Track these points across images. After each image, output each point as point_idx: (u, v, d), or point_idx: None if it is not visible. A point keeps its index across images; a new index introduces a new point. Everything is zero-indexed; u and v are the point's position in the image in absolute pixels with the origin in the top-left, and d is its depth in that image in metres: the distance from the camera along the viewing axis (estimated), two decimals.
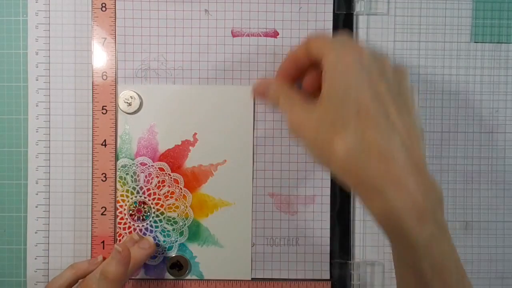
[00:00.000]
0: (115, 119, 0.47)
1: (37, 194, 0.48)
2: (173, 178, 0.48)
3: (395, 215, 0.34)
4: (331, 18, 0.47)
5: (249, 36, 0.47)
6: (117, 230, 0.48)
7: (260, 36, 0.47)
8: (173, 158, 0.48)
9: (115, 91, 0.47)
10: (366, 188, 0.35)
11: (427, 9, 0.48)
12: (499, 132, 0.49)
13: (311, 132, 0.37)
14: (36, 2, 0.47)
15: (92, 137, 0.47)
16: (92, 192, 0.47)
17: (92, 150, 0.47)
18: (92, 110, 0.47)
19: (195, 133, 0.47)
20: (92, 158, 0.47)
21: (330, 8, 0.47)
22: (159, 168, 0.47)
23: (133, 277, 0.48)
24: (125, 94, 0.47)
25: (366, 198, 0.35)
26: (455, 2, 0.48)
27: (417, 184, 0.34)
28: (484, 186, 0.49)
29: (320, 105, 0.36)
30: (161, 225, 0.48)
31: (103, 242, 0.47)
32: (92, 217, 0.47)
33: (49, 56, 0.47)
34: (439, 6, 0.48)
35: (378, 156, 0.34)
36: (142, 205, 0.48)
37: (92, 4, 0.47)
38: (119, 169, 0.47)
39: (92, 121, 0.47)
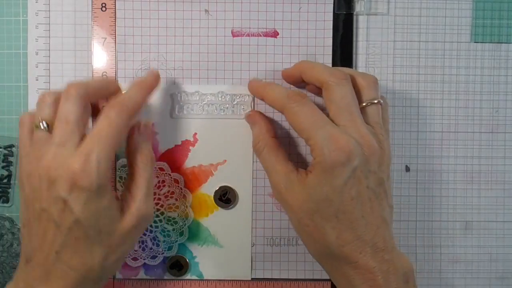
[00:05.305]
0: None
1: None
2: (173, 178, 0.48)
3: None
4: (331, 18, 0.47)
5: (249, 36, 0.47)
6: None
7: (260, 36, 0.47)
8: (173, 158, 0.47)
9: None
10: (337, 274, 0.40)
11: (427, 9, 0.48)
12: (499, 132, 0.49)
13: (293, 213, 0.41)
14: (36, 2, 0.47)
15: None
16: None
17: None
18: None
19: (195, 133, 0.47)
20: None
21: (330, 8, 0.47)
22: (159, 168, 0.47)
23: (133, 278, 0.48)
24: None
25: (336, 282, 0.41)
26: (455, 2, 0.48)
27: (380, 271, 0.38)
28: (484, 186, 0.49)
29: (306, 193, 0.39)
30: (161, 225, 0.48)
31: None
32: None
33: (49, 56, 0.47)
34: (439, 6, 0.48)
35: (349, 252, 0.39)
36: None
37: (92, 4, 0.47)
38: (119, 169, 0.47)
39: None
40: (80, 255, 0.37)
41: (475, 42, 0.48)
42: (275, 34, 0.47)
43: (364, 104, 0.41)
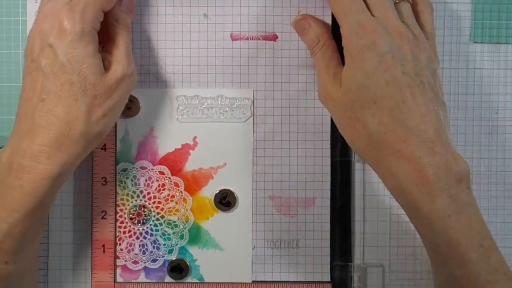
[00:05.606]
0: (115, 123, 0.47)
1: None
2: (173, 182, 0.48)
3: (406, 192, 0.38)
4: (330, 21, 0.47)
5: (248, 39, 0.47)
6: (117, 234, 0.48)
7: (259, 39, 0.47)
8: (173, 162, 0.48)
9: None
10: (381, 168, 0.40)
11: None
12: (499, 133, 0.49)
13: (336, 109, 0.41)
14: (36, 2, 0.47)
15: None
16: (92, 196, 0.47)
17: (92, 154, 0.47)
18: None
19: (195, 137, 0.47)
20: (92, 162, 0.47)
21: (328, 11, 0.47)
22: (159, 171, 0.48)
23: (133, 281, 0.48)
24: None
25: (382, 177, 0.41)
26: (454, 3, 0.48)
27: (427, 162, 0.38)
28: (484, 187, 0.49)
29: (343, 85, 0.40)
30: (161, 229, 0.48)
31: (103, 246, 0.47)
32: (92, 221, 0.47)
33: None
34: (438, 7, 0.48)
35: (392, 140, 0.38)
36: (142, 209, 0.48)
37: None
38: (119, 173, 0.47)
39: None
40: (64, 103, 0.39)
41: (474, 43, 0.48)
42: (274, 37, 0.47)
43: (394, 0, 0.42)
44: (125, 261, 0.48)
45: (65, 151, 0.39)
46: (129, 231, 0.48)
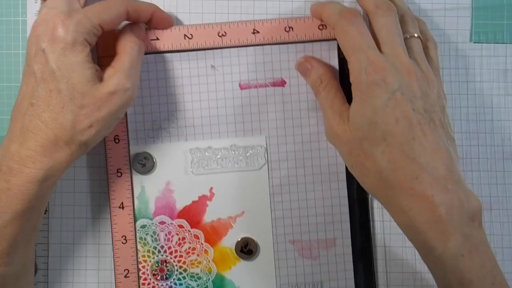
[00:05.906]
0: (131, 181, 0.47)
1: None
2: (193, 234, 0.47)
3: (419, 231, 0.38)
4: (337, 63, 0.47)
5: (257, 87, 0.47)
6: None
7: (268, 86, 0.47)
8: (192, 214, 0.47)
9: (128, 153, 0.47)
10: (392, 206, 0.40)
11: (426, 9, 0.48)
12: (499, 133, 0.49)
13: (344, 146, 0.42)
14: (36, 2, 0.47)
15: (109, 201, 0.47)
16: (113, 255, 0.47)
17: (110, 213, 0.47)
18: (107, 174, 0.47)
19: (211, 188, 0.47)
20: (111, 222, 0.47)
21: (335, 54, 0.47)
22: (178, 225, 0.47)
23: None
24: (138, 156, 0.47)
25: (393, 214, 0.40)
26: (454, 3, 0.48)
27: (440, 201, 0.37)
28: (484, 187, 0.49)
29: (351, 122, 0.41)
30: (185, 282, 0.47)
31: None
32: (115, 280, 0.47)
33: None
34: (438, 7, 0.48)
35: (403, 177, 0.38)
36: (165, 264, 0.47)
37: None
38: (138, 230, 0.47)
39: (108, 184, 0.47)
40: (51, 109, 0.39)
41: (474, 43, 0.49)
42: (282, 83, 0.47)
43: (405, 36, 0.42)
44: None
45: (50, 157, 0.39)
46: (153, 287, 0.47)
